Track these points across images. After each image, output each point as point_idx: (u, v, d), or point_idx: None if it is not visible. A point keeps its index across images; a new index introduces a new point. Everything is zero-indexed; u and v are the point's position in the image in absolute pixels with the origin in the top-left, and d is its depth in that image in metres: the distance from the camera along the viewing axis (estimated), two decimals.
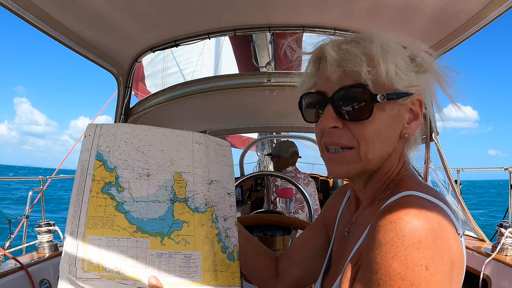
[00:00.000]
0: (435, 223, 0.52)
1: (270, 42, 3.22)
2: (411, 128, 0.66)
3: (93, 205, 0.73)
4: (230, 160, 0.91)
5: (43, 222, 1.81)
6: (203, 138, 0.89)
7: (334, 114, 0.64)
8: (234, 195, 0.88)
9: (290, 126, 3.12)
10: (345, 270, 0.62)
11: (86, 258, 0.68)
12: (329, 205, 0.93)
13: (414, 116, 0.66)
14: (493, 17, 1.23)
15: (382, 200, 0.66)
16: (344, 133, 0.64)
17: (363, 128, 0.63)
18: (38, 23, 1.27)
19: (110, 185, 0.76)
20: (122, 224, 0.73)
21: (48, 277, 1.66)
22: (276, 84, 1.80)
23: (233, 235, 0.82)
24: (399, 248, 0.50)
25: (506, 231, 1.75)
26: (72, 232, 0.70)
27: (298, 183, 1.81)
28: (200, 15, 1.46)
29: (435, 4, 1.25)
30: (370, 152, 0.63)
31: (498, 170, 2.41)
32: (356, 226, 0.71)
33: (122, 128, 0.83)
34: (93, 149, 0.79)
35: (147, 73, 6.06)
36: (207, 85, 1.86)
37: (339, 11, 1.42)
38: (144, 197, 0.77)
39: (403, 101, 0.63)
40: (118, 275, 0.68)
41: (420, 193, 0.58)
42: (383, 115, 0.63)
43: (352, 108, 0.62)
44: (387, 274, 0.51)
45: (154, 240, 0.73)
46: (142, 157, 0.81)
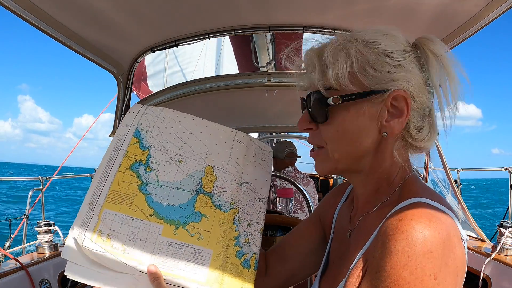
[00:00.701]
0: (444, 232, 0.52)
1: (270, 42, 3.22)
2: (391, 126, 0.62)
3: (118, 180, 0.73)
4: (269, 167, 0.89)
5: (43, 222, 1.81)
6: (245, 138, 0.88)
7: (308, 117, 0.69)
8: (265, 201, 0.84)
9: (290, 126, 3.12)
10: (350, 276, 0.61)
11: (97, 230, 0.68)
12: (326, 202, 0.92)
13: (398, 113, 0.62)
14: (493, 18, 1.23)
15: (386, 204, 0.65)
16: (316, 134, 0.69)
17: (327, 129, 0.66)
18: (38, 23, 1.27)
19: (140, 163, 0.76)
20: (140, 205, 0.72)
21: (48, 277, 1.66)
22: (276, 84, 1.80)
23: (254, 242, 0.78)
24: (410, 258, 0.50)
25: (506, 231, 1.75)
26: (92, 202, 0.70)
27: (297, 183, 1.81)
28: (200, 15, 1.46)
29: (434, 5, 1.26)
30: (336, 151, 0.66)
31: (498, 170, 2.41)
32: (359, 230, 0.70)
33: (166, 112, 0.83)
34: (132, 126, 0.79)
35: (149, 73, 6.06)
36: (207, 85, 1.87)
37: (339, 11, 1.42)
38: (169, 182, 0.75)
39: (377, 99, 0.62)
40: (123, 254, 0.67)
41: (429, 200, 0.58)
42: (347, 115, 0.63)
43: (316, 111, 0.66)
44: (396, 283, 0.51)
45: (168, 227, 0.72)
46: (179, 143, 0.80)
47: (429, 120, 0.66)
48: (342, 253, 0.73)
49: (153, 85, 6.12)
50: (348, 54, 0.62)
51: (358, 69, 0.61)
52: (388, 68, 0.61)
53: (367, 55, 0.61)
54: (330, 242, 0.83)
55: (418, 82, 0.62)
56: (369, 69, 0.61)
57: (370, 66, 0.61)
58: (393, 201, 0.64)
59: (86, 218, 0.68)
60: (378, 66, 0.61)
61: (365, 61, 0.61)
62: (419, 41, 0.65)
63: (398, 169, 0.67)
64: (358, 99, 0.62)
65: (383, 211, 0.63)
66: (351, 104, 0.63)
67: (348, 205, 0.81)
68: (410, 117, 0.63)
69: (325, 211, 0.90)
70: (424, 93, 0.63)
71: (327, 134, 0.66)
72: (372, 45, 0.62)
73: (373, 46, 0.62)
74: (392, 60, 0.61)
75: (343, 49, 0.63)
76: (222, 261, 0.72)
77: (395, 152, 0.65)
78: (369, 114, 0.63)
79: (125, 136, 0.77)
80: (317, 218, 0.92)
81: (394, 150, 0.65)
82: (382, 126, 0.63)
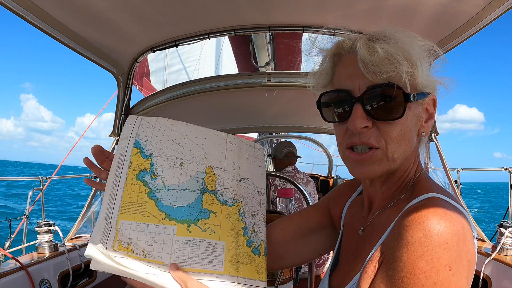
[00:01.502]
0: (459, 225, 0.53)
1: (269, 42, 3.23)
2: (427, 127, 0.67)
3: (128, 191, 0.77)
4: (262, 162, 0.95)
5: (43, 222, 1.81)
6: (236, 140, 0.94)
7: (365, 114, 0.62)
8: (264, 193, 0.90)
9: (290, 126, 3.12)
10: (365, 268, 0.62)
11: (117, 240, 0.72)
12: (337, 194, 0.91)
13: (429, 115, 0.67)
14: (492, 19, 1.23)
15: (400, 200, 0.66)
16: (372, 133, 0.63)
17: (392, 127, 0.62)
18: (38, 22, 1.27)
19: (145, 172, 0.80)
20: (152, 211, 0.76)
21: (48, 277, 1.66)
22: (276, 84, 1.80)
23: (260, 231, 0.85)
24: (426, 248, 0.51)
25: (506, 231, 1.75)
26: (107, 216, 0.74)
27: (297, 182, 1.81)
28: (200, 15, 1.46)
29: (434, 6, 1.26)
30: (396, 151, 0.63)
31: (498, 170, 2.41)
32: (373, 227, 0.70)
33: (161, 121, 0.88)
34: (131, 137, 0.83)
35: (152, 69, 6.05)
36: (207, 85, 1.87)
37: (339, 11, 1.42)
38: (175, 185, 0.80)
39: (422, 101, 0.65)
40: (145, 258, 0.72)
41: (443, 196, 0.59)
42: (410, 115, 0.63)
43: (384, 107, 0.61)
44: (412, 273, 0.52)
45: (181, 226, 0.76)
46: (178, 148, 0.85)
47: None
48: (354, 249, 0.73)
49: (156, 81, 6.11)
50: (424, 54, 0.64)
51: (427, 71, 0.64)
52: (429, 73, 0.65)
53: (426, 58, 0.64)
54: (340, 238, 0.83)
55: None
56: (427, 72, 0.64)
57: (428, 70, 0.64)
58: (406, 197, 0.65)
59: (105, 231, 0.73)
60: (429, 71, 0.64)
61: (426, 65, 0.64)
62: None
63: (416, 167, 0.69)
64: (419, 100, 0.64)
65: (397, 207, 0.64)
66: (412, 103, 0.63)
67: (359, 203, 0.81)
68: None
69: (336, 202, 0.90)
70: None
71: (391, 133, 0.62)
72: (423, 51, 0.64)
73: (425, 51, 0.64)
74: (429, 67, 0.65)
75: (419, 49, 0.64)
76: (235, 251, 0.78)
77: (419, 151, 0.69)
78: (417, 115, 0.65)
79: (126, 149, 0.82)
80: (326, 206, 0.92)
81: (420, 149, 0.69)
82: (422, 127, 0.67)
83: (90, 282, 1.83)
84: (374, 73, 0.60)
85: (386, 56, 0.59)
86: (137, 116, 0.87)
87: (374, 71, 0.60)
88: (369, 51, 0.60)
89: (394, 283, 0.54)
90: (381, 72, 0.59)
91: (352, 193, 0.87)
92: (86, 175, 3.13)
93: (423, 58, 0.63)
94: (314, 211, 0.94)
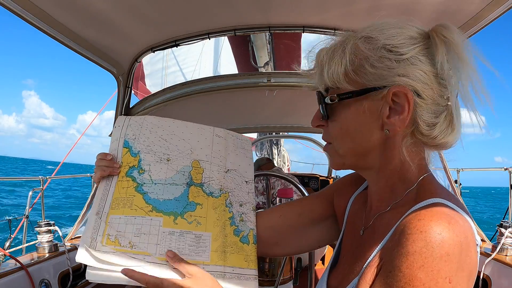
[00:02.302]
0: (462, 235, 0.51)
1: (268, 42, 3.23)
2: (392, 123, 0.60)
3: (118, 188, 0.80)
4: (249, 153, 0.97)
5: (43, 222, 1.81)
6: (222, 132, 0.96)
7: (319, 114, 0.70)
8: (252, 183, 0.93)
9: (290, 126, 3.12)
10: (364, 273, 0.61)
11: (106, 234, 0.74)
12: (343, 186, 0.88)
13: (400, 109, 0.59)
14: (493, 18, 1.23)
15: (401, 203, 0.64)
16: (326, 130, 0.71)
17: (332, 126, 0.68)
18: (38, 23, 1.27)
19: (133, 168, 0.83)
20: (140, 204, 0.79)
21: (48, 277, 1.65)
22: (275, 84, 1.80)
23: (249, 219, 0.87)
24: (427, 259, 0.50)
25: (506, 231, 1.75)
26: (98, 212, 0.77)
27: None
28: (200, 15, 1.46)
29: (434, 5, 1.26)
30: (340, 148, 0.68)
31: (498, 170, 2.42)
32: (373, 229, 0.68)
33: (148, 119, 0.90)
34: (121, 138, 0.86)
35: (146, 72, 6.06)
36: (207, 85, 1.87)
37: (339, 11, 1.42)
38: (162, 180, 0.83)
39: (376, 96, 0.60)
40: (131, 250, 0.74)
41: (447, 202, 0.57)
42: (348, 113, 0.64)
43: (321, 110, 0.68)
44: (411, 283, 0.50)
45: (168, 219, 0.79)
46: (164, 144, 0.87)
47: (448, 115, 0.61)
48: (354, 250, 0.72)
49: (151, 84, 6.12)
50: (344, 52, 0.61)
51: (354, 67, 0.61)
52: (387, 63, 0.59)
53: (365, 51, 0.60)
54: (342, 236, 0.82)
55: (423, 75, 0.59)
56: (367, 66, 0.60)
57: (368, 62, 0.60)
58: (409, 200, 0.62)
59: (95, 226, 0.75)
60: (376, 62, 0.59)
61: (363, 58, 0.60)
62: (431, 29, 0.61)
63: (413, 167, 0.64)
64: (356, 97, 0.62)
65: (398, 211, 0.61)
66: (351, 102, 0.63)
67: (362, 200, 0.79)
68: (417, 113, 0.60)
69: (340, 194, 0.87)
70: (434, 87, 0.59)
71: (333, 131, 0.68)
72: (371, 41, 0.60)
73: (372, 42, 0.60)
74: (393, 55, 0.59)
75: (340, 47, 0.63)
76: (221, 241, 0.80)
77: (403, 149, 0.63)
78: (369, 111, 0.62)
79: (117, 150, 0.85)
80: (331, 197, 0.90)
81: (403, 148, 0.62)
82: (384, 123, 0.61)
83: (90, 282, 1.83)
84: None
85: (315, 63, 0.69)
86: (125, 117, 0.90)
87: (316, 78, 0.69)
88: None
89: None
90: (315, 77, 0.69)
91: (357, 187, 0.84)
92: (86, 175, 3.13)
93: (344, 57, 0.61)
94: (317, 200, 0.91)
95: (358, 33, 0.64)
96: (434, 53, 0.59)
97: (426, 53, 0.60)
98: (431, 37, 0.60)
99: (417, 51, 0.59)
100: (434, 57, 0.59)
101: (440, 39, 0.58)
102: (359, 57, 0.61)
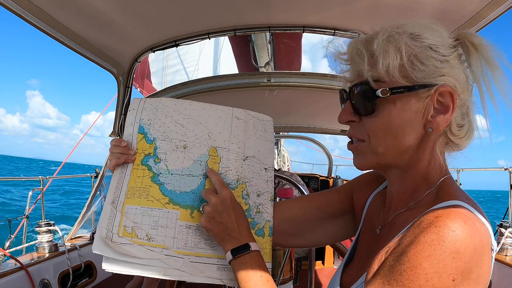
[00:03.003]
0: (477, 238, 0.51)
1: (269, 42, 3.22)
2: (436, 122, 0.61)
3: (133, 176, 0.79)
4: (271, 135, 0.93)
5: (43, 222, 1.81)
6: (242, 114, 0.91)
7: (351, 109, 0.68)
8: (272, 170, 0.89)
9: (290, 126, 3.12)
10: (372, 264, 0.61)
11: (122, 225, 0.74)
12: (364, 182, 0.88)
13: (443, 108, 0.61)
14: (493, 17, 1.23)
15: (421, 203, 0.64)
16: (359, 127, 0.68)
17: (372, 122, 0.65)
18: (38, 23, 1.27)
19: (149, 157, 0.81)
20: (156, 195, 0.78)
21: (48, 277, 1.66)
22: (276, 84, 1.80)
23: (266, 210, 0.84)
24: (436, 251, 0.50)
25: (506, 231, 1.75)
26: (114, 201, 0.76)
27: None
28: (200, 15, 1.46)
29: (435, 4, 1.26)
30: (380, 145, 0.65)
31: (498, 170, 2.42)
32: (390, 227, 0.68)
33: (164, 102, 0.86)
34: (135, 123, 0.84)
35: (152, 70, 6.04)
36: (207, 85, 1.87)
37: (339, 11, 1.42)
38: (178, 170, 0.81)
39: (424, 93, 0.61)
40: (148, 242, 0.74)
41: (467, 205, 0.57)
42: (394, 109, 0.62)
43: (361, 103, 0.65)
44: (413, 270, 0.51)
45: (184, 212, 0.78)
46: (181, 130, 0.84)
47: (468, 118, 0.64)
48: (370, 247, 0.72)
49: (156, 82, 6.11)
50: (398, 46, 0.60)
51: (407, 62, 0.60)
52: (434, 62, 0.60)
53: (415, 48, 0.60)
54: (359, 233, 0.82)
55: (463, 78, 0.62)
56: (417, 62, 0.60)
57: (417, 59, 0.60)
58: (428, 201, 0.63)
59: (111, 216, 0.74)
60: (425, 60, 0.60)
61: (413, 54, 0.60)
62: (461, 35, 0.63)
63: (437, 167, 0.65)
64: (406, 93, 0.61)
65: (417, 211, 0.62)
66: (399, 97, 0.62)
67: (381, 199, 0.79)
68: (454, 113, 0.62)
69: (360, 190, 0.87)
70: (467, 90, 0.63)
71: (371, 127, 0.65)
72: (419, 39, 0.61)
73: (420, 40, 0.61)
74: (438, 55, 0.60)
75: (392, 41, 0.61)
76: None
77: (437, 149, 0.64)
78: (415, 109, 0.62)
79: (131, 136, 0.82)
80: (349, 193, 0.89)
81: (437, 147, 0.64)
82: (428, 121, 0.62)
83: (90, 282, 1.83)
84: (354, 73, 0.67)
85: (356, 56, 0.65)
86: (140, 99, 0.87)
87: (353, 71, 0.67)
88: (350, 51, 0.66)
89: (393, 273, 0.53)
90: (356, 71, 0.66)
91: (378, 185, 0.84)
92: (86, 175, 3.13)
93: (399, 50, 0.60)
94: (337, 195, 0.91)
95: (402, 28, 0.63)
96: (466, 58, 0.62)
97: (459, 58, 0.63)
98: (463, 43, 0.63)
99: (455, 55, 0.62)
100: (464, 62, 0.63)
101: (472, 46, 0.62)
102: (411, 53, 0.61)
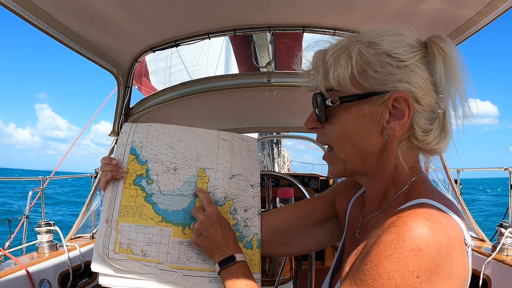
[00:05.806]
0: (442, 234, 0.51)
1: (270, 42, 3.22)
2: (392, 128, 0.61)
3: (126, 195, 0.83)
4: (255, 154, 0.97)
5: (43, 222, 1.81)
6: (228, 135, 0.97)
7: (314, 117, 0.70)
8: (258, 186, 0.94)
9: (290, 126, 3.12)
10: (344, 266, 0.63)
11: (118, 242, 0.78)
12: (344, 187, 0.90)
13: (399, 114, 0.61)
14: (493, 17, 1.24)
15: (392, 205, 0.65)
16: (322, 133, 0.71)
17: (331, 129, 0.68)
18: (38, 22, 1.27)
19: (141, 177, 0.85)
20: (150, 214, 0.82)
21: (48, 277, 1.65)
22: (276, 84, 1.80)
23: (253, 224, 0.89)
24: (395, 250, 0.51)
25: (506, 231, 1.75)
26: (108, 219, 0.80)
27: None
28: (200, 15, 1.46)
29: (435, 4, 1.26)
30: (341, 152, 0.67)
31: (498, 170, 2.41)
32: (365, 230, 0.71)
33: (155, 126, 0.92)
34: (127, 144, 0.88)
35: (151, 69, 6.04)
36: (207, 85, 1.86)
37: (339, 11, 1.42)
38: (170, 191, 0.86)
39: (378, 100, 0.61)
40: (144, 258, 0.78)
41: (434, 202, 0.57)
42: (348, 116, 0.64)
43: (319, 111, 0.68)
44: (375, 269, 0.52)
45: (177, 229, 0.83)
46: (171, 152, 0.89)
47: (440, 122, 0.63)
48: (352, 251, 0.73)
49: (156, 81, 6.10)
50: (350, 56, 0.62)
51: (358, 71, 0.61)
52: (389, 69, 0.60)
53: (369, 56, 0.61)
54: (344, 240, 0.83)
55: (423, 83, 0.61)
56: (370, 70, 0.61)
57: (370, 67, 0.61)
58: (399, 201, 0.63)
59: (106, 234, 0.79)
60: (378, 67, 0.60)
61: (366, 63, 0.61)
62: (428, 39, 0.63)
63: (406, 171, 0.65)
64: (358, 100, 0.62)
65: (388, 212, 0.63)
66: (352, 105, 0.63)
67: (361, 203, 0.81)
68: (414, 119, 0.61)
69: (341, 195, 0.89)
70: (431, 95, 0.61)
71: (331, 134, 0.68)
72: (374, 46, 0.62)
73: (375, 47, 0.61)
74: (394, 61, 0.60)
75: (345, 51, 0.63)
76: None
77: (399, 154, 0.64)
78: (369, 116, 0.63)
79: (123, 156, 0.87)
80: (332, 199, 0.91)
81: (399, 152, 0.64)
82: (384, 127, 0.62)
83: (90, 282, 1.83)
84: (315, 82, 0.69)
85: (315, 66, 0.68)
86: (131, 124, 0.92)
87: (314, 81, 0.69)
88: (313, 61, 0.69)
89: (358, 273, 0.55)
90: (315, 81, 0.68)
91: (357, 190, 0.86)
92: (86, 175, 3.13)
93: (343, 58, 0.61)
94: (319, 202, 0.93)
95: (359, 37, 0.64)
96: (431, 62, 0.61)
97: (424, 62, 0.62)
98: (429, 47, 0.62)
99: (417, 59, 0.61)
100: (431, 66, 0.61)
101: (438, 50, 0.60)
102: (363, 62, 0.61)
